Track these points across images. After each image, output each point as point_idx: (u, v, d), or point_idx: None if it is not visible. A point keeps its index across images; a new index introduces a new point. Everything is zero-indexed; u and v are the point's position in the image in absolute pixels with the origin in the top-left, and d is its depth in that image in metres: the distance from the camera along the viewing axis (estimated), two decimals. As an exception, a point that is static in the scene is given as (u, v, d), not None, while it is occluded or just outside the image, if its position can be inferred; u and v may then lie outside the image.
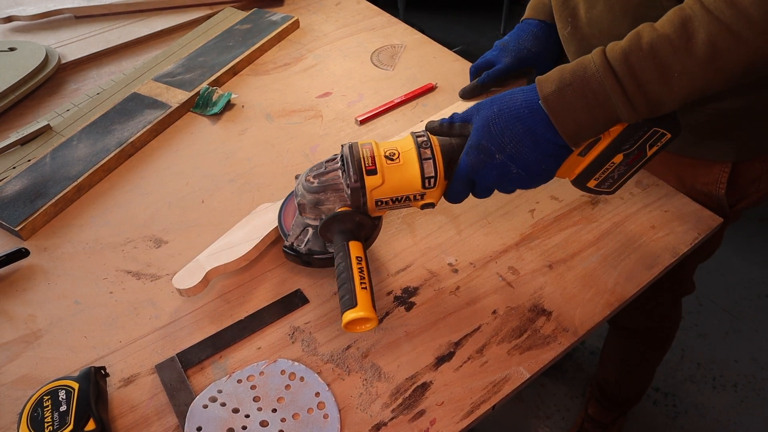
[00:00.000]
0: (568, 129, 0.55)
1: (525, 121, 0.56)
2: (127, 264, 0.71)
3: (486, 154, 0.57)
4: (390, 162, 0.59)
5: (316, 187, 0.60)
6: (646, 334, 1.12)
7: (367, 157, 0.59)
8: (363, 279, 0.56)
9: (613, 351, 1.24)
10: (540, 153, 0.56)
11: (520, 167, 0.57)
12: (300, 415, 0.56)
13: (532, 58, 0.79)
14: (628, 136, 0.56)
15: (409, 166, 0.59)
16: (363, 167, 0.58)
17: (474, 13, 3.06)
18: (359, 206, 0.60)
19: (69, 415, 0.52)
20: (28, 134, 0.88)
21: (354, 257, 0.58)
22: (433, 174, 0.59)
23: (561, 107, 0.54)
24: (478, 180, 0.59)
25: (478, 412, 0.56)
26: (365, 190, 0.58)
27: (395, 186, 0.59)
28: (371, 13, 1.19)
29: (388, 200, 0.60)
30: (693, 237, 0.71)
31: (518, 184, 0.59)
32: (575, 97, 0.53)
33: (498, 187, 0.60)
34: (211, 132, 0.90)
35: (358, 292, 0.55)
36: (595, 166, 0.59)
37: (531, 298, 0.65)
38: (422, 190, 0.59)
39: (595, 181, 0.61)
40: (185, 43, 1.08)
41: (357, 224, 0.60)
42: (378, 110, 0.92)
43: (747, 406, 1.44)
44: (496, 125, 0.57)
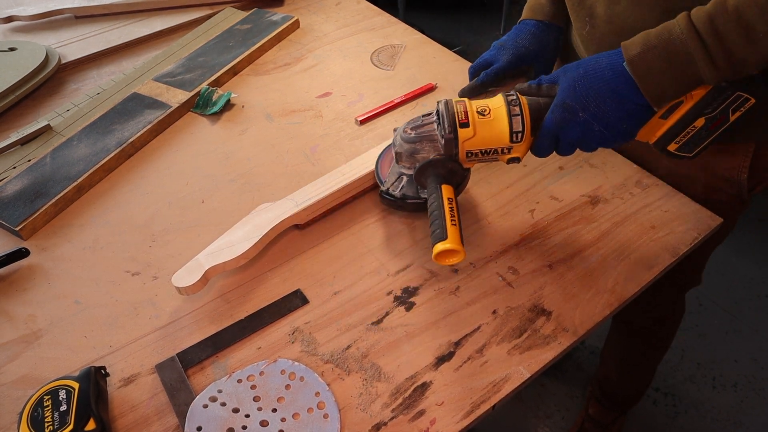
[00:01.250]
0: (652, 90, 0.57)
1: (609, 82, 0.59)
2: (127, 264, 0.71)
3: (570, 112, 0.61)
4: (481, 117, 0.64)
5: (413, 138, 0.67)
6: (646, 332, 1.12)
7: (461, 112, 0.64)
8: (453, 217, 0.62)
9: (613, 349, 1.24)
10: (622, 112, 0.59)
11: (602, 126, 0.60)
12: (300, 415, 0.56)
13: (531, 56, 0.79)
14: (711, 100, 0.58)
15: (498, 122, 0.64)
16: (457, 120, 0.64)
17: (474, 13, 3.06)
18: (452, 156, 0.65)
19: (69, 414, 0.52)
20: (29, 134, 0.88)
21: (446, 198, 0.64)
22: (521, 129, 0.63)
23: (645, 68, 0.57)
24: (561, 136, 0.63)
25: (478, 412, 0.56)
26: (458, 141, 0.64)
27: (485, 139, 0.64)
28: (371, 13, 1.19)
29: (478, 152, 0.65)
30: (693, 237, 0.71)
31: (600, 142, 0.62)
32: (659, 59, 0.56)
33: (580, 145, 0.63)
34: (211, 132, 0.90)
35: (449, 227, 0.61)
36: (677, 129, 0.61)
37: (531, 298, 0.66)
38: (510, 144, 0.64)
39: (676, 145, 0.62)
40: (185, 43, 1.08)
41: (449, 171, 0.66)
42: (378, 110, 0.92)
43: (747, 405, 1.44)
44: (581, 85, 0.60)
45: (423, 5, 3.05)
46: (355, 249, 0.71)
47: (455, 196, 0.66)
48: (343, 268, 0.69)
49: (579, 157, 0.82)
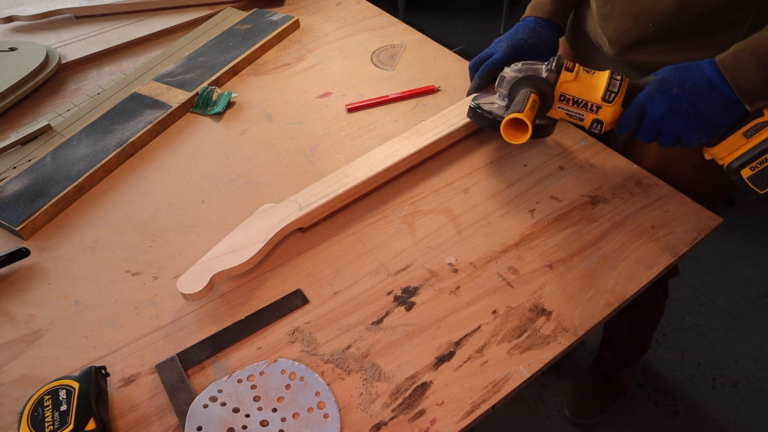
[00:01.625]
0: (741, 85, 0.61)
1: (705, 71, 0.64)
2: (127, 264, 0.71)
3: (665, 85, 0.65)
4: (585, 72, 0.71)
5: (519, 68, 0.73)
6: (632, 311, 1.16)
7: (569, 63, 0.72)
8: (533, 107, 0.69)
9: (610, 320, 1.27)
10: (712, 98, 0.63)
11: (690, 104, 0.64)
12: (300, 415, 0.56)
13: (529, 50, 0.81)
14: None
15: (598, 79, 0.71)
16: (564, 64, 0.71)
17: (474, 13, 3.06)
18: (550, 83, 0.72)
19: (69, 414, 0.52)
20: (29, 134, 0.88)
21: (532, 97, 0.70)
22: (616, 90, 0.69)
23: (735, 67, 0.61)
24: (649, 108, 0.66)
25: (478, 411, 0.56)
26: (558, 78, 0.71)
27: (581, 88, 0.71)
28: (371, 13, 1.19)
29: (571, 98, 0.72)
30: (693, 237, 0.71)
31: (683, 123, 0.65)
32: (749, 58, 0.60)
33: (664, 121, 0.66)
34: (211, 132, 0.90)
35: (527, 108, 0.67)
36: (756, 152, 0.63)
37: (531, 298, 0.66)
38: (600, 102, 0.70)
39: (751, 171, 0.64)
40: (185, 43, 1.08)
41: (541, 91, 0.72)
42: (370, 102, 0.93)
43: (747, 406, 1.44)
44: (680, 68, 0.66)
45: (423, 5, 3.05)
46: (355, 249, 0.71)
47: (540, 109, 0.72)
48: (343, 268, 0.69)
49: (579, 157, 0.82)
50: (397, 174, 0.80)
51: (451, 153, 0.84)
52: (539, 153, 0.83)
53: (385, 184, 0.79)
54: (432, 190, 0.79)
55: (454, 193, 0.78)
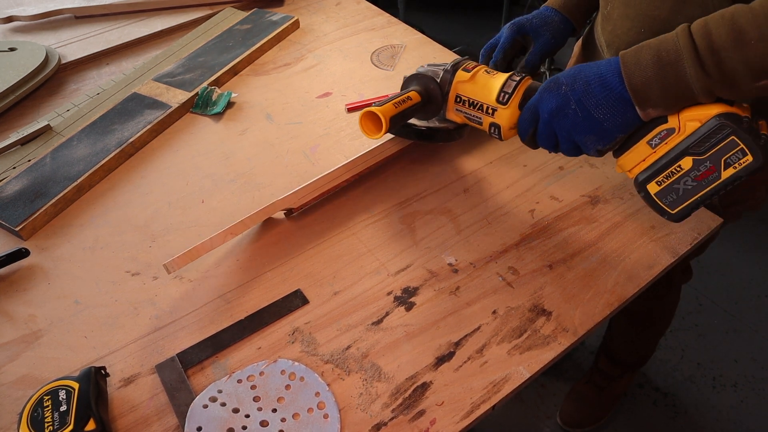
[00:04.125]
0: (635, 81, 0.56)
1: (600, 67, 0.59)
2: (127, 264, 0.71)
3: (556, 83, 0.62)
4: (486, 73, 0.69)
5: (424, 69, 0.73)
6: (643, 313, 1.15)
7: (470, 64, 0.71)
8: (399, 104, 0.67)
9: (615, 324, 1.27)
10: (602, 97, 0.58)
11: (578, 105, 0.59)
12: (300, 415, 0.56)
13: (531, 29, 0.81)
14: (703, 137, 0.53)
15: (495, 81, 0.68)
16: (462, 65, 0.71)
17: (474, 13, 3.06)
18: (444, 87, 0.71)
19: (69, 415, 0.52)
20: (29, 134, 0.88)
21: (407, 95, 0.69)
22: (510, 92, 0.66)
23: (633, 61, 0.56)
24: (540, 108, 0.63)
25: (478, 412, 0.56)
26: (453, 79, 0.70)
27: (476, 89, 0.69)
28: (371, 13, 1.19)
29: (466, 100, 0.70)
30: (693, 237, 0.71)
31: (571, 126, 0.61)
32: (649, 55, 0.55)
33: (554, 123, 0.62)
34: (211, 132, 0.90)
35: (389, 104, 0.66)
36: (661, 165, 0.57)
37: (531, 298, 0.66)
38: (495, 104, 0.67)
39: (657, 186, 0.58)
40: (185, 43, 1.08)
41: (429, 91, 0.71)
42: (370, 101, 0.93)
43: (747, 405, 1.44)
44: (575, 67, 0.62)
45: (423, 5, 3.05)
46: (355, 249, 0.71)
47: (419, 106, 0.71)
48: (343, 268, 0.69)
49: (579, 157, 0.82)
50: (388, 156, 0.80)
51: (451, 153, 0.84)
52: (539, 153, 0.83)
53: (379, 175, 0.79)
54: (432, 190, 0.79)
55: (454, 193, 0.78)
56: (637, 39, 0.74)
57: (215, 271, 0.70)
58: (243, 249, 0.72)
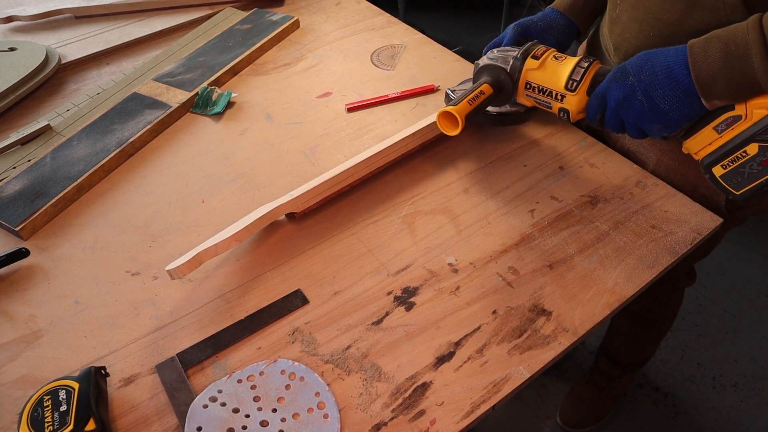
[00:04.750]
0: (702, 74, 0.56)
1: (667, 57, 0.59)
2: (127, 264, 0.71)
3: (623, 73, 0.63)
4: (554, 60, 0.71)
5: (494, 56, 0.75)
6: (643, 315, 1.15)
7: (540, 49, 0.72)
8: (473, 100, 0.69)
9: (617, 323, 1.27)
10: (668, 89, 0.59)
11: (644, 95, 0.60)
12: (300, 415, 0.56)
13: (536, 31, 0.82)
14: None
15: (564, 67, 0.70)
16: (531, 51, 0.72)
17: (474, 13, 3.06)
18: (509, 73, 0.73)
19: (69, 415, 0.52)
20: (29, 134, 0.88)
21: (479, 89, 0.71)
22: (578, 79, 0.68)
23: (701, 52, 0.56)
24: (608, 97, 0.64)
25: (478, 412, 0.56)
26: (523, 67, 0.72)
27: (546, 76, 0.71)
28: (371, 13, 1.19)
29: (536, 87, 0.72)
30: (693, 237, 0.71)
31: (637, 115, 0.62)
32: (717, 47, 0.55)
33: (621, 111, 0.63)
34: (211, 132, 0.90)
35: (464, 102, 0.68)
36: (727, 150, 0.58)
37: (531, 298, 0.66)
38: (564, 91, 0.69)
39: (723, 170, 0.60)
40: (185, 43, 1.08)
41: (499, 82, 0.74)
42: (369, 102, 0.93)
43: (747, 406, 1.44)
44: (642, 56, 0.62)
45: (423, 5, 3.05)
46: (355, 249, 0.71)
47: (494, 97, 0.73)
48: (343, 268, 0.69)
49: (579, 157, 0.82)
50: (391, 160, 0.80)
51: (450, 153, 0.84)
52: (539, 153, 0.83)
53: (379, 175, 0.79)
54: (432, 190, 0.79)
55: (454, 193, 0.78)
56: (645, 43, 0.74)
57: (215, 271, 0.70)
58: (243, 249, 0.72)
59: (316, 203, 0.75)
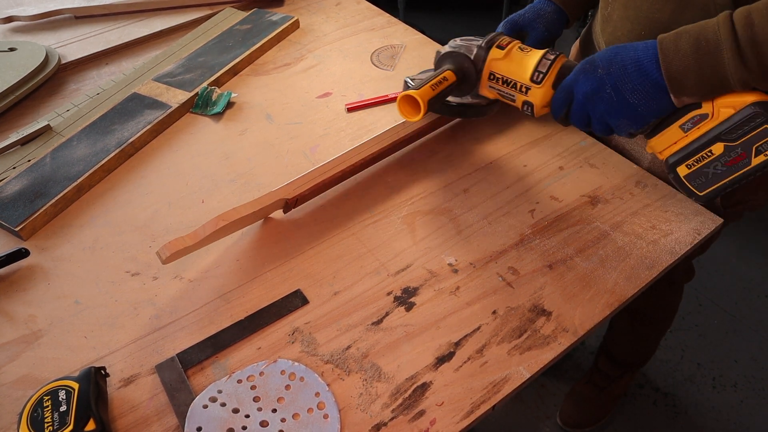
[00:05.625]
0: (672, 69, 0.55)
1: (637, 51, 0.58)
2: (127, 264, 0.71)
3: (592, 65, 0.61)
4: (519, 51, 0.69)
5: (457, 44, 0.72)
6: (643, 313, 1.15)
7: (505, 40, 0.71)
8: (436, 86, 0.67)
9: (617, 323, 1.27)
10: (637, 83, 0.58)
11: (613, 88, 0.59)
12: (300, 415, 0.56)
13: (524, 22, 0.82)
14: (737, 124, 0.54)
15: (530, 59, 0.68)
16: (496, 41, 0.70)
17: (474, 13, 3.06)
18: (473, 61, 0.71)
19: (69, 415, 0.52)
20: (28, 134, 0.88)
21: (443, 75, 0.68)
22: (544, 71, 0.66)
23: (671, 47, 0.56)
24: (575, 90, 0.63)
25: (478, 412, 0.56)
26: (487, 56, 0.70)
27: (510, 67, 0.69)
28: (371, 13, 1.19)
29: (500, 78, 0.70)
30: (693, 237, 0.71)
31: (606, 109, 0.61)
32: (688, 42, 0.55)
33: (588, 105, 0.62)
34: (211, 132, 0.90)
35: (426, 86, 0.66)
36: (693, 149, 0.57)
37: (531, 298, 0.66)
38: (529, 83, 0.67)
39: (687, 169, 0.59)
40: (185, 44, 1.08)
41: (463, 69, 0.71)
42: (369, 102, 0.93)
43: (747, 406, 1.44)
44: (612, 49, 0.61)
45: (423, 5, 3.05)
46: (355, 249, 0.71)
47: (456, 84, 0.70)
48: (343, 268, 0.69)
49: (579, 157, 0.82)
50: (384, 147, 0.80)
51: (450, 153, 0.84)
52: (539, 153, 0.83)
53: (380, 175, 0.79)
54: (432, 190, 0.79)
55: (454, 193, 0.78)
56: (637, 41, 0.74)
57: (215, 271, 0.70)
58: (243, 249, 0.72)
59: (310, 190, 0.74)
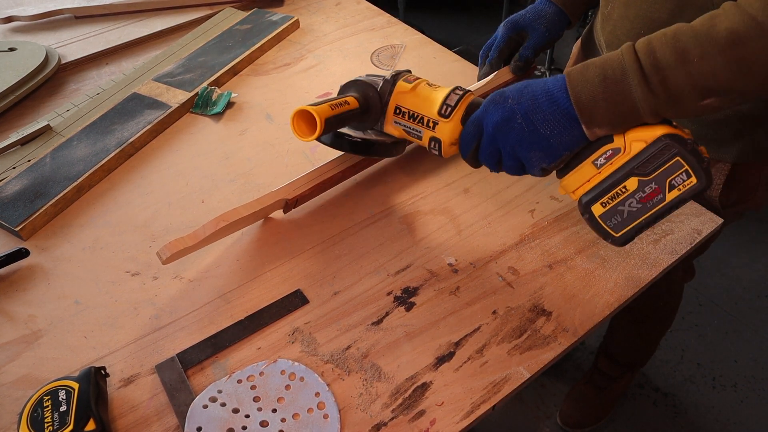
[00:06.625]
0: (582, 98, 0.55)
1: (546, 83, 0.58)
2: (127, 264, 0.71)
3: (502, 96, 0.60)
4: (427, 86, 0.67)
5: (363, 78, 0.69)
6: (643, 312, 1.15)
7: (412, 75, 0.68)
8: (335, 107, 0.63)
9: (617, 322, 1.27)
10: (549, 113, 0.57)
11: (525, 119, 0.58)
12: (300, 415, 0.56)
13: (525, 23, 0.82)
14: (649, 157, 0.53)
15: (437, 94, 0.65)
16: (402, 76, 0.68)
17: (474, 13, 3.06)
18: (379, 92, 0.67)
19: (69, 415, 0.52)
20: (28, 134, 0.88)
21: (345, 99, 0.65)
22: (453, 105, 0.63)
23: (579, 77, 0.55)
24: (484, 122, 0.61)
25: (478, 412, 0.56)
26: (393, 89, 0.67)
27: (417, 101, 0.66)
28: (371, 13, 1.19)
29: (406, 112, 0.67)
30: (693, 237, 0.71)
31: (517, 140, 0.58)
32: (595, 72, 0.55)
33: (498, 137, 0.60)
34: (211, 132, 0.90)
35: (326, 105, 0.62)
36: (606, 185, 0.56)
37: (531, 298, 0.66)
38: (437, 117, 0.64)
39: (602, 208, 0.56)
40: (185, 44, 1.08)
41: (368, 99, 0.67)
42: None
43: (747, 406, 1.44)
44: (522, 83, 0.60)
45: (423, 5, 3.05)
46: (355, 249, 0.71)
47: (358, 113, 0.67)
48: (343, 268, 0.69)
49: (579, 157, 0.82)
50: None
51: (451, 153, 0.84)
52: (539, 153, 0.83)
53: (380, 175, 0.79)
54: (432, 190, 0.79)
55: (454, 193, 0.78)
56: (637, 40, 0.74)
57: (215, 271, 0.70)
58: (243, 249, 0.72)
59: (310, 191, 0.74)
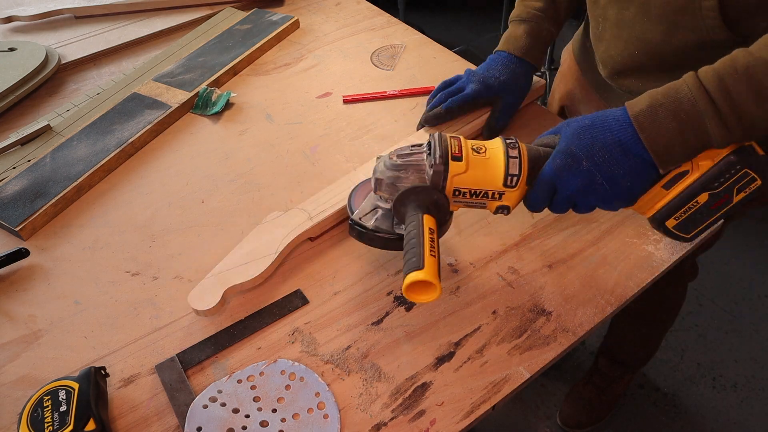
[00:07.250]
0: (658, 146, 0.54)
1: (615, 133, 0.56)
2: (127, 264, 0.71)
3: (573, 158, 0.57)
4: (476, 154, 0.59)
5: (398, 165, 0.60)
6: (646, 311, 1.15)
7: (455, 145, 0.59)
8: (433, 248, 0.54)
9: (619, 322, 1.27)
10: (627, 166, 0.56)
11: (605, 178, 0.56)
12: (300, 415, 0.56)
13: (499, 87, 0.79)
14: (718, 174, 0.54)
15: (494, 161, 0.58)
16: (450, 152, 0.58)
17: (474, 13, 3.06)
18: (439, 187, 0.59)
19: (69, 415, 0.52)
20: (28, 134, 0.88)
21: (427, 227, 0.56)
22: (517, 173, 0.58)
23: (651, 124, 0.54)
24: (560, 186, 0.58)
25: (478, 412, 0.56)
26: (447, 174, 0.58)
27: (477, 177, 0.58)
28: (371, 13, 1.19)
29: (467, 191, 0.59)
30: (693, 237, 0.71)
31: (600, 199, 0.58)
32: (667, 117, 0.53)
33: (578, 198, 0.59)
34: (211, 132, 0.90)
35: (427, 256, 0.53)
36: (678, 202, 0.57)
37: (531, 298, 0.66)
38: (502, 189, 0.59)
39: (675, 221, 0.58)
40: (185, 44, 1.08)
41: (434, 203, 0.59)
42: (367, 96, 0.94)
43: (747, 406, 1.44)
44: (586, 133, 0.57)
45: (423, 5, 3.05)
46: (355, 249, 0.71)
47: (437, 235, 0.57)
48: (343, 268, 0.69)
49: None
50: None
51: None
52: (539, 153, 0.83)
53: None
54: (432, 190, 0.79)
55: (454, 193, 0.78)
56: (631, 61, 0.73)
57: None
58: (243, 249, 0.72)
59: (333, 225, 0.74)
